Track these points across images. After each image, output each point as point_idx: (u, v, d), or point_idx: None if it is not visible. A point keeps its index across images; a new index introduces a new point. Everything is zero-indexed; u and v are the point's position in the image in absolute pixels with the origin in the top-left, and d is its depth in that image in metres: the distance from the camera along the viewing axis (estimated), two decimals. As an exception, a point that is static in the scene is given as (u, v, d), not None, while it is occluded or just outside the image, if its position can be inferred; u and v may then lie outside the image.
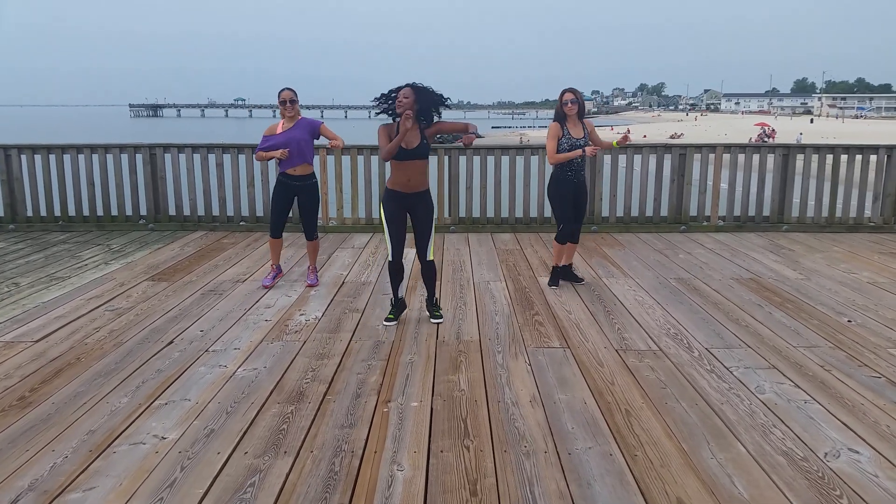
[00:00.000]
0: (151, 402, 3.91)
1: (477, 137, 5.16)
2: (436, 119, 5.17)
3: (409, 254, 6.30)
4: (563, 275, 6.44)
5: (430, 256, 5.29)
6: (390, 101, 5.09)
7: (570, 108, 6.09)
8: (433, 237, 5.29)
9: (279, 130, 6.17)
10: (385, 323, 5.26)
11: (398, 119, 4.99)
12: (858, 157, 9.18)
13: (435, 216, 5.32)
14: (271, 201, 6.47)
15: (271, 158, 6.16)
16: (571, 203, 6.25)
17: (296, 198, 6.29)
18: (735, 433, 3.53)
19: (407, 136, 4.95)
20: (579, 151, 6.04)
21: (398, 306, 5.39)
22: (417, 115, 4.99)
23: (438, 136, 5.22)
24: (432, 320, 5.32)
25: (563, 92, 6.15)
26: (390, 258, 5.26)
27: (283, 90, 6.15)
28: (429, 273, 5.35)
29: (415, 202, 5.18)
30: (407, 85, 5.01)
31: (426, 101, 5.04)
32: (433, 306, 5.42)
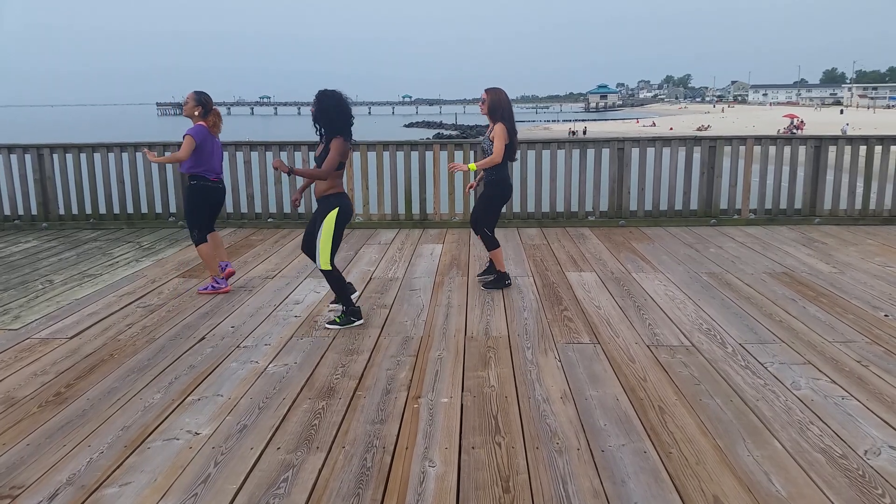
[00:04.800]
0: (184, 398, 3.94)
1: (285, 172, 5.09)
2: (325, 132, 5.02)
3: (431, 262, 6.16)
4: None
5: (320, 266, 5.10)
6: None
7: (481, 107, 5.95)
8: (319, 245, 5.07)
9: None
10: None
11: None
12: (893, 148, 8.98)
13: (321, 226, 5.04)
14: None
15: None
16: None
17: None
18: (771, 430, 3.47)
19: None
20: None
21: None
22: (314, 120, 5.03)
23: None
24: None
25: None
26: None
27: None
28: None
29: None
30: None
31: (318, 111, 4.99)
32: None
